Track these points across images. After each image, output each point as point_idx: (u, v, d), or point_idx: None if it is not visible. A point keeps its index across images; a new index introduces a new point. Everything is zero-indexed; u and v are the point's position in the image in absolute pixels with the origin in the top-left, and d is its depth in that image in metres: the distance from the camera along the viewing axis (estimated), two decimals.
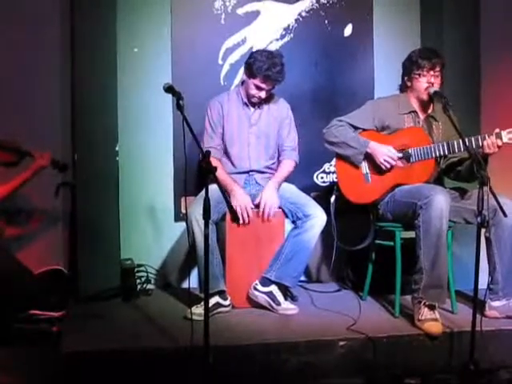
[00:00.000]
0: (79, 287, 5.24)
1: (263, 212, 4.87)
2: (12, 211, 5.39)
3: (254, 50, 5.36)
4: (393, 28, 6.00)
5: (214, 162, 4.81)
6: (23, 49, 5.34)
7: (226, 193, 4.13)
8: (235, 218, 4.06)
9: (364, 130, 4.98)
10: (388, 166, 4.83)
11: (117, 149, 5.38)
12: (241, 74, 5.44)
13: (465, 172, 4.76)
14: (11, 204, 5.30)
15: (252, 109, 5.13)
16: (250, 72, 4.94)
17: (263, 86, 4.94)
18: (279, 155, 5.20)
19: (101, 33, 5.34)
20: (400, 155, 4.84)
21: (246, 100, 5.11)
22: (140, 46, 5.65)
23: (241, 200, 4.84)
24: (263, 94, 5.00)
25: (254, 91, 4.99)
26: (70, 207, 5.38)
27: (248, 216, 4.85)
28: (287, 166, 5.14)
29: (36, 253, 5.33)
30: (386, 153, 4.83)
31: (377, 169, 4.89)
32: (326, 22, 5.90)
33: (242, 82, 5.16)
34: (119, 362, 4.01)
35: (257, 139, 5.11)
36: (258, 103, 5.10)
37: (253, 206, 4.90)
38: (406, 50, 5.03)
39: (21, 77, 5.31)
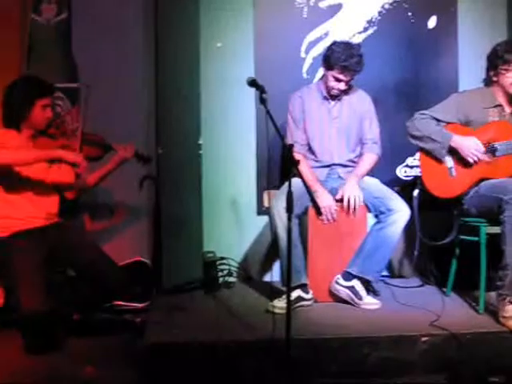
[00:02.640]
0: (162, 279, 5.32)
1: (348, 205, 4.85)
2: (96, 206, 5.50)
3: None
4: (478, 20, 5.93)
5: (298, 157, 4.82)
6: (108, 44, 5.43)
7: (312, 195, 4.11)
8: (319, 213, 4.03)
9: (447, 123, 4.91)
10: (475, 158, 4.75)
11: (200, 142, 5.43)
12: None
13: None
14: (95, 199, 5.41)
15: (332, 102, 5.09)
16: (328, 64, 4.91)
17: (341, 77, 4.90)
18: (361, 148, 5.16)
19: (184, 28, 5.40)
20: (485, 149, 4.77)
21: (326, 94, 5.07)
22: (223, 41, 5.70)
23: (325, 201, 4.83)
24: (342, 86, 4.96)
25: (332, 83, 4.96)
26: (154, 200, 5.46)
27: (332, 217, 4.85)
28: (369, 159, 5.09)
29: (120, 245, 5.41)
30: (471, 145, 4.75)
31: (461, 163, 4.81)
32: (410, 14, 5.86)
33: (322, 76, 5.13)
34: (201, 353, 4.03)
35: (338, 133, 5.08)
36: (338, 96, 5.07)
37: (336, 207, 4.88)
38: (491, 43, 4.92)
39: (106, 73, 5.40)
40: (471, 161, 4.76)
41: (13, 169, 4.37)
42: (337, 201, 4.90)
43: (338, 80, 4.93)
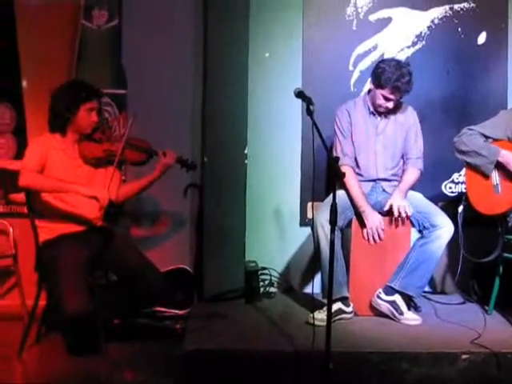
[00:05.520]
0: (203, 287, 5.34)
1: (399, 214, 4.81)
2: (139, 214, 5.54)
3: (385, 56, 5.34)
4: None
5: (347, 170, 4.80)
6: (157, 51, 5.50)
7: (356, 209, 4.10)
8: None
9: (495, 140, 4.88)
10: None
11: (246, 152, 5.45)
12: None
13: None
14: (139, 207, 5.45)
15: (379, 117, 5.06)
16: (378, 83, 4.88)
17: (392, 96, 4.87)
18: (404, 163, 5.11)
19: (233, 37, 5.43)
20: None
21: (372, 109, 5.06)
22: (271, 51, 5.71)
23: (372, 221, 4.81)
24: (391, 105, 4.93)
25: (381, 101, 4.93)
26: (198, 208, 5.48)
27: (379, 237, 4.83)
28: (412, 175, 5.03)
29: (163, 252, 5.45)
30: None
31: (508, 180, 4.78)
32: (459, 29, 5.81)
33: (369, 91, 5.11)
34: (240, 362, 4.05)
35: (384, 148, 5.05)
36: (385, 113, 5.06)
37: (383, 227, 4.85)
38: None
39: (154, 80, 5.46)
40: None
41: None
42: (384, 215, 4.89)
43: (387, 99, 4.90)
